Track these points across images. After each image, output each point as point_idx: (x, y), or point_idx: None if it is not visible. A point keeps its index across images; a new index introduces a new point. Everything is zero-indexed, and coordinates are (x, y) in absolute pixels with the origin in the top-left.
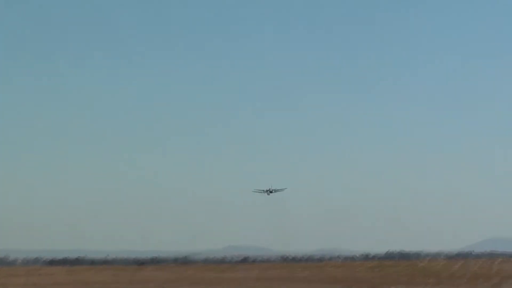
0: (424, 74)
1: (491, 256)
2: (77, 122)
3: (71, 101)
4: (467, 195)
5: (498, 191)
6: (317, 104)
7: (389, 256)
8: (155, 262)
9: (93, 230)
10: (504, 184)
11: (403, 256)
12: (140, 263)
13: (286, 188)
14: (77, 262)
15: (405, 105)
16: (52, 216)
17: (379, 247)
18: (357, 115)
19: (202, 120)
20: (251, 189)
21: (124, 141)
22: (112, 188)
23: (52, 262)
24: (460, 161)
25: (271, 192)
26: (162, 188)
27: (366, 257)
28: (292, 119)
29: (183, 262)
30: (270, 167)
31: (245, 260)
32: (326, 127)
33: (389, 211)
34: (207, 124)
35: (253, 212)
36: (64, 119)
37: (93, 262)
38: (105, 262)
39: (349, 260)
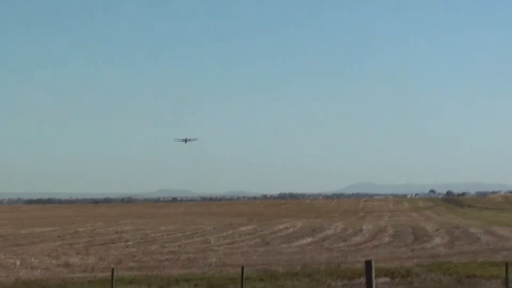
0: None
1: (357, 197)
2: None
3: None
4: (339, 148)
5: (363, 144)
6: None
7: (282, 196)
8: (107, 201)
9: (60, 177)
10: (368, 138)
11: (292, 196)
12: (96, 202)
13: (198, 138)
14: (48, 201)
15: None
16: (29, 165)
17: (274, 190)
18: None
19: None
20: (172, 139)
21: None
22: (76, 144)
23: (30, 202)
24: (333, 123)
25: (187, 141)
26: (107, 142)
27: (265, 197)
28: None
29: (128, 201)
30: (187, 120)
31: (174, 200)
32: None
33: (282, 161)
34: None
35: (179, 163)
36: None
37: (60, 202)
38: (69, 202)
39: (252, 199)
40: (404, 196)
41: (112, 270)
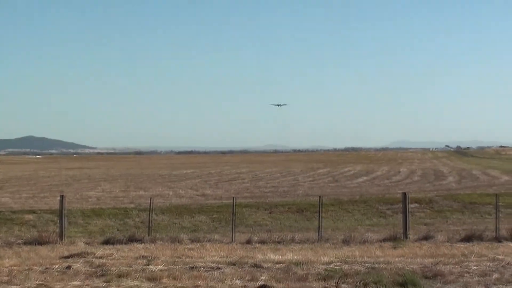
0: None
1: (397, 150)
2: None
3: None
4: (385, 112)
5: (403, 111)
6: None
7: (347, 149)
8: (231, 152)
9: (198, 135)
10: (407, 107)
11: (354, 149)
12: (223, 153)
13: (287, 104)
14: (191, 152)
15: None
16: (176, 127)
17: (341, 144)
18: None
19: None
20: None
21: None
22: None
23: (179, 152)
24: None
25: (279, 105)
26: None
27: (335, 150)
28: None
29: (245, 152)
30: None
31: (275, 151)
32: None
33: (349, 122)
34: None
35: (279, 125)
36: None
37: (198, 152)
38: (205, 152)
39: (327, 151)
40: (428, 149)
41: (234, 198)
